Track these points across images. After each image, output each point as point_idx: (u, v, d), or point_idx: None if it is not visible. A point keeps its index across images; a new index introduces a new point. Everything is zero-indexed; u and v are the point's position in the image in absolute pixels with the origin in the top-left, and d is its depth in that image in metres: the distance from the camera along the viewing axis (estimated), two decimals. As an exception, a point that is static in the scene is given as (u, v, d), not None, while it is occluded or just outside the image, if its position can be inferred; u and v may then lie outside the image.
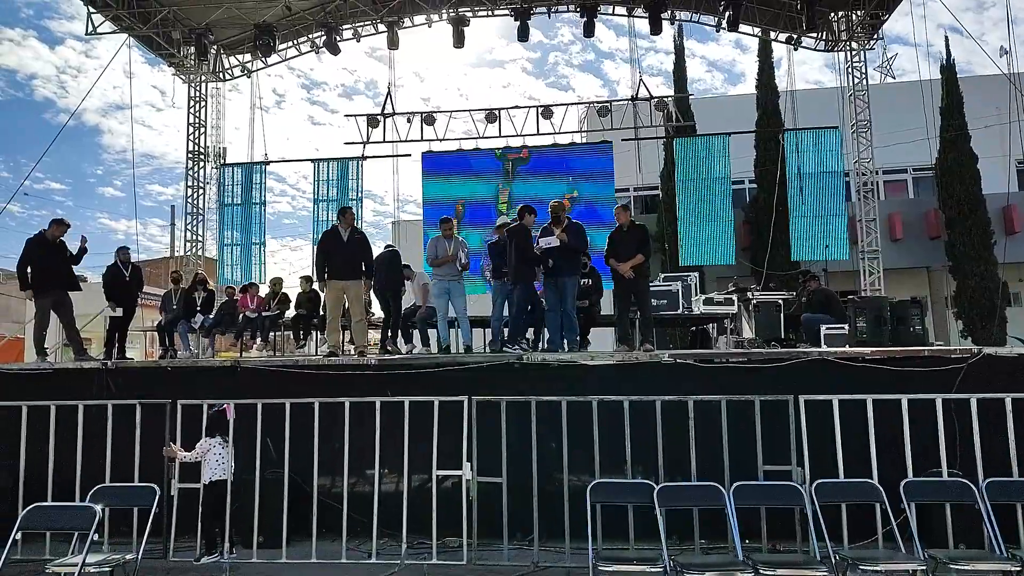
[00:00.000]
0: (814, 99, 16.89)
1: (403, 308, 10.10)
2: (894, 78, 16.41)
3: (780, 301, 11.00)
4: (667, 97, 15.40)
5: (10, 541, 4.64)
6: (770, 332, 10.54)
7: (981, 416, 5.72)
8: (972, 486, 5.02)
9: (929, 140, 15.63)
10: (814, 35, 15.68)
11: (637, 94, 14.87)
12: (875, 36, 15.34)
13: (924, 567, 4.50)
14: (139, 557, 4.91)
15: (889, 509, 5.00)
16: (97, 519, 4.61)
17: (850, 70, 15.35)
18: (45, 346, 8.45)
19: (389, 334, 9.66)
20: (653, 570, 4.48)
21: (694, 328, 12.41)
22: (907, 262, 17.20)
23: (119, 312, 9.18)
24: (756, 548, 5.34)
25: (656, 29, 14.62)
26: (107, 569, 4.79)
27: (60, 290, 8.43)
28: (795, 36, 15.71)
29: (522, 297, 8.20)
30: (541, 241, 7.93)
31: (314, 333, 11.54)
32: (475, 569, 5.72)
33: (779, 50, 17.36)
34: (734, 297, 11.30)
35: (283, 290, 11.50)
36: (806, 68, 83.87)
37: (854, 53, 15.36)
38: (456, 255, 8.84)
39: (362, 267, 8.45)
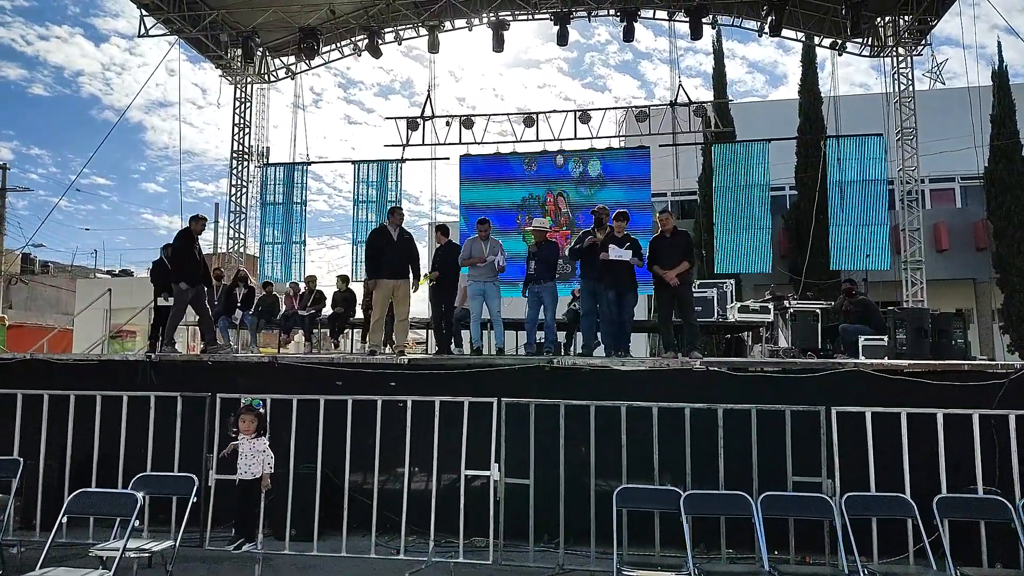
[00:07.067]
0: (858, 104, 16.53)
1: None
2: (943, 84, 16.02)
3: (818, 311, 10.83)
4: (706, 103, 15.22)
5: (56, 525, 4.84)
6: (807, 342, 10.40)
7: (1020, 433, 5.58)
8: (1008, 504, 4.92)
9: (978, 148, 15.18)
10: (859, 40, 15.35)
11: (676, 99, 14.77)
12: (923, 41, 14.94)
13: (956, 585, 4.43)
14: (177, 544, 5.08)
15: (921, 525, 4.92)
16: (138, 506, 4.78)
17: (896, 76, 15.01)
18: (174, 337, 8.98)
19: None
20: (677, 577, 4.49)
21: (729, 336, 12.31)
22: (952, 273, 16.76)
23: (170, 302, 9.44)
24: (783, 560, 5.30)
25: (697, 34, 14.46)
26: (146, 555, 4.98)
27: (201, 284, 8.97)
28: (839, 41, 15.38)
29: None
30: (612, 251, 7.80)
31: (350, 332, 11.73)
32: (501, 569, 5.78)
33: (822, 53, 17.05)
34: (770, 305, 11.18)
35: (317, 288, 11.73)
36: (851, 70, 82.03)
37: (901, 59, 15.03)
38: (494, 256, 8.81)
39: (409, 267, 8.54)
